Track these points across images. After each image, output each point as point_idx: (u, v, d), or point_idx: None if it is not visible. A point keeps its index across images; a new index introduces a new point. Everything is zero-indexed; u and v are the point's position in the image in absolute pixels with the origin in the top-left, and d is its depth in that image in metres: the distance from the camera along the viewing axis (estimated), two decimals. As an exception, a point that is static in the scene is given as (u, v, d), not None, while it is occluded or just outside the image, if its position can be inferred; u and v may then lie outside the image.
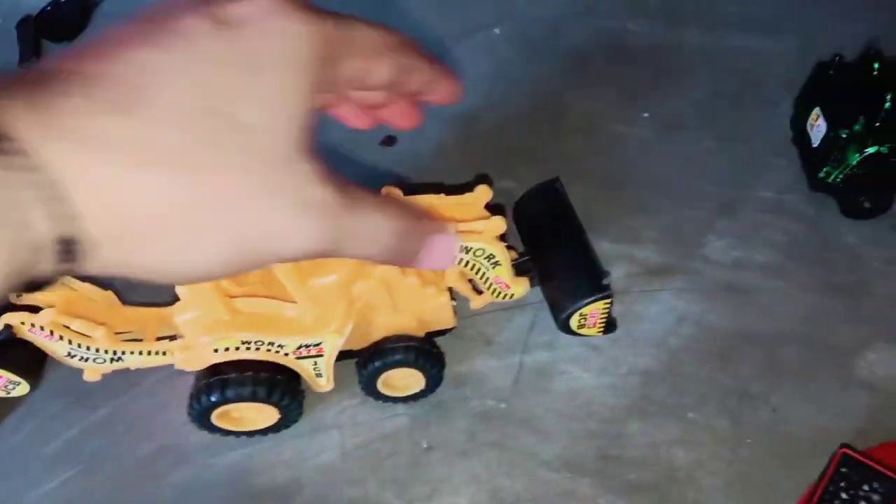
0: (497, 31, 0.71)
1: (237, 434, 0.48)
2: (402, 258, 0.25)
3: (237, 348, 0.43)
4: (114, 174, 0.18)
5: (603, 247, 0.55)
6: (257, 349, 0.44)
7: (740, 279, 0.53)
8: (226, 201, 0.20)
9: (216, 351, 0.43)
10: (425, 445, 0.48)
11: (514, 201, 0.54)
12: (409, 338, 0.47)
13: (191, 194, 0.19)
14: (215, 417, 0.46)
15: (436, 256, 0.25)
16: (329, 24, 0.22)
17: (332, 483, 0.47)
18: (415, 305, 0.47)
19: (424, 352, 0.47)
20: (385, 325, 0.47)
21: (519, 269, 0.49)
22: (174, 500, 0.47)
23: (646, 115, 0.63)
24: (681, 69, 0.68)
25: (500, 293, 0.49)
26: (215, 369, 0.44)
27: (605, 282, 0.48)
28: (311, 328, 0.44)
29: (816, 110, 0.55)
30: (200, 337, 0.43)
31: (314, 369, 0.46)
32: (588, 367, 0.49)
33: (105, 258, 0.19)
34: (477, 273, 0.48)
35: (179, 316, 0.44)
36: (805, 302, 0.51)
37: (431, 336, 0.49)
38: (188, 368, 0.45)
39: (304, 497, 0.46)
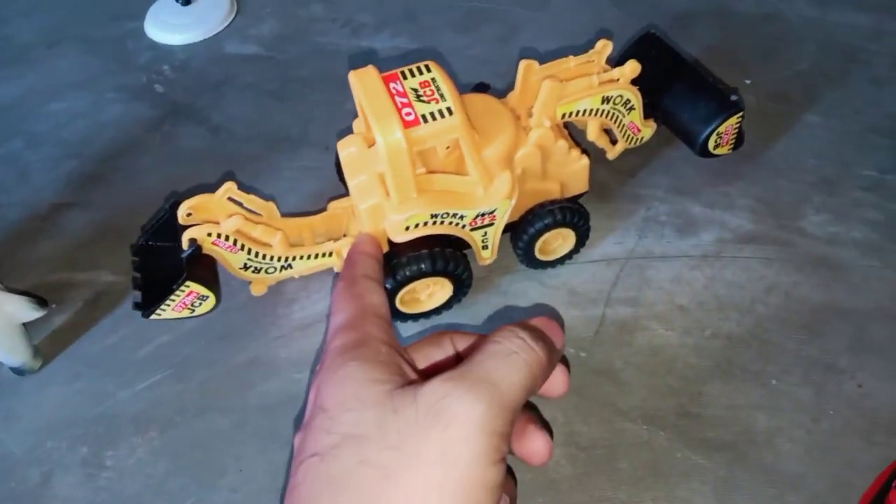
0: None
1: (415, 317, 0.50)
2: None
3: (425, 224, 0.44)
4: None
5: (695, 211, 0.55)
6: (441, 222, 0.45)
7: (834, 255, 0.52)
8: None
9: (407, 229, 0.44)
10: (504, 385, 0.48)
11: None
12: (559, 200, 0.50)
13: None
14: (399, 302, 0.48)
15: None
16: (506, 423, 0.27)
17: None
18: (560, 170, 0.50)
19: (576, 210, 0.50)
20: (533, 192, 0.49)
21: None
22: (261, 409, 0.48)
23: (748, 81, 0.62)
24: (786, 40, 0.66)
25: (631, 138, 0.54)
26: (387, 257, 0.45)
27: (733, 98, 0.51)
28: (484, 198, 0.45)
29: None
30: (392, 216, 0.43)
31: (482, 241, 0.48)
32: (672, 325, 0.49)
33: None
34: (614, 121, 0.51)
35: (362, 204, 0.45)
36: (899, 283, 0.50)
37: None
38: None
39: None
